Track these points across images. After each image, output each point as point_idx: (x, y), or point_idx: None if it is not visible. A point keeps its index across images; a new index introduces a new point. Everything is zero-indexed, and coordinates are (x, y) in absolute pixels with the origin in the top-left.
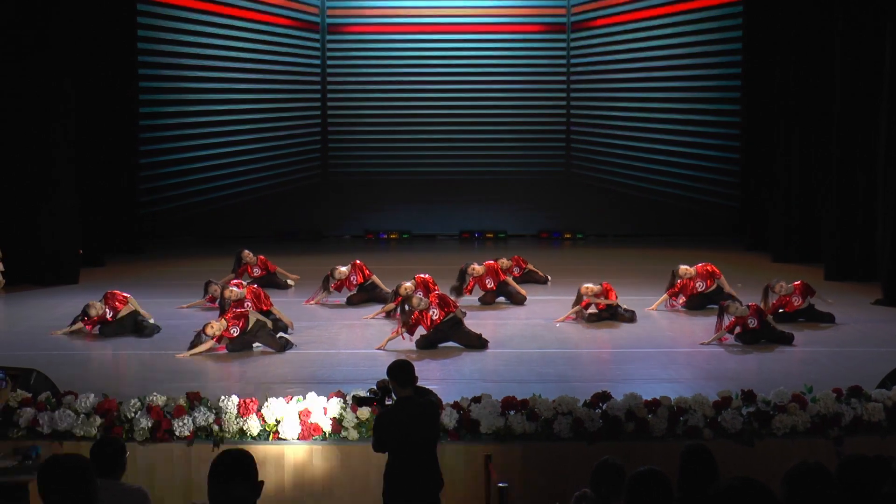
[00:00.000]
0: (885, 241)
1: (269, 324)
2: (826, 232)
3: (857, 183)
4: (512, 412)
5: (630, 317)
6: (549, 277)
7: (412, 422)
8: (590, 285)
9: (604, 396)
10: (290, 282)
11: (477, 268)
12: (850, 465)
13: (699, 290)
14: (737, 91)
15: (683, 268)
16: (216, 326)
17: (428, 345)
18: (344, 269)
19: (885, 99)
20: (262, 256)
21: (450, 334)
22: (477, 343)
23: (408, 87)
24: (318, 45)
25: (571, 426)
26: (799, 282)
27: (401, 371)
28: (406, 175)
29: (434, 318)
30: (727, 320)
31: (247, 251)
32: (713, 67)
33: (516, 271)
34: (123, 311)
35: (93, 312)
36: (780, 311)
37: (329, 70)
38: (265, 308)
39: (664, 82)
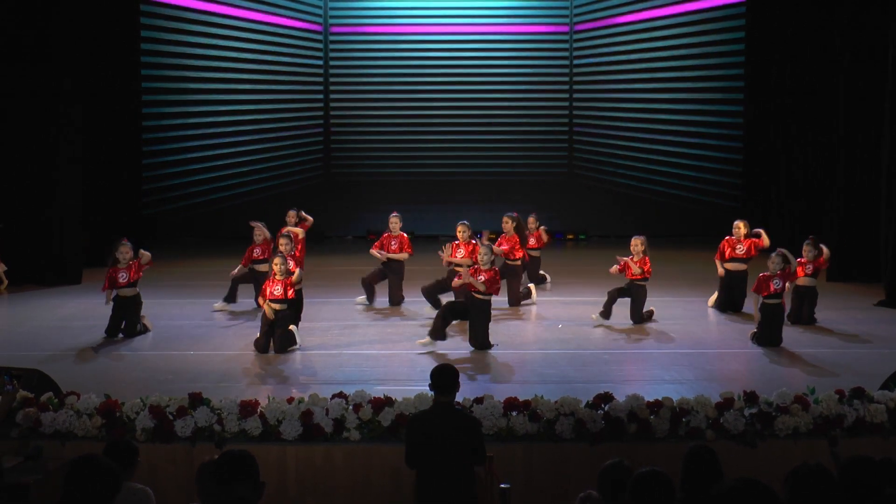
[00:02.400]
0: (888, 242)
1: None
2: (829, 232)
3: (860, 183)
4: (514, 413)
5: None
6: (548, 277)
7: (445, 429)
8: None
9: (606, 397)
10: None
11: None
12: (853, 467)
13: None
14: (739, 91)
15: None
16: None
17: (448, 313)
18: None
19: (888, 99)
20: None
21: (471, 312)
22: (480, 343)
23: (411, 88)
24: (320, 45)
25: (573, 427)
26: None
27: (440, 375)
28: (409, 176)
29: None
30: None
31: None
32: (715, 68)
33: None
34: (129, 292)
35: (120, 256)
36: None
37: (332, 70)
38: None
39: (666, 83)
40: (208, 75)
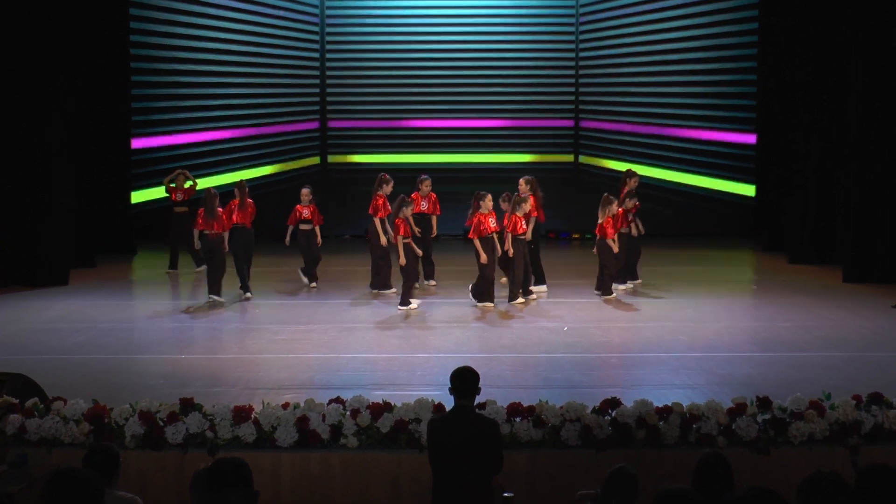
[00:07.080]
0: None
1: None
2: (844, 233)
3: (876, 183)
4: (518, 419)
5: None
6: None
7: (464, 433)
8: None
9: (613, 403)
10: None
11: None
12: (870, 475)
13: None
14: (753, 88)
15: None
16: None
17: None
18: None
19: None
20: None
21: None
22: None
23: (409, 86)
24: (317, 38)
25: (580, 433)
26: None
27: (459, 378)
28: (408, 175)
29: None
30: None
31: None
32: (728, 61)
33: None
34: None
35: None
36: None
37: (328, 66)
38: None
39: (677, 76)
40: (200, 69)
